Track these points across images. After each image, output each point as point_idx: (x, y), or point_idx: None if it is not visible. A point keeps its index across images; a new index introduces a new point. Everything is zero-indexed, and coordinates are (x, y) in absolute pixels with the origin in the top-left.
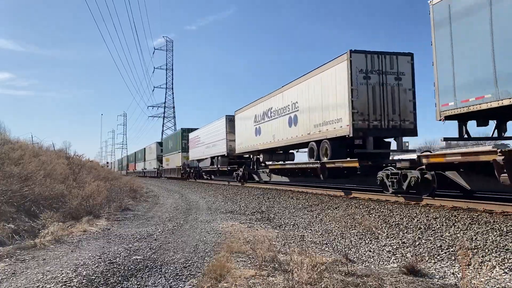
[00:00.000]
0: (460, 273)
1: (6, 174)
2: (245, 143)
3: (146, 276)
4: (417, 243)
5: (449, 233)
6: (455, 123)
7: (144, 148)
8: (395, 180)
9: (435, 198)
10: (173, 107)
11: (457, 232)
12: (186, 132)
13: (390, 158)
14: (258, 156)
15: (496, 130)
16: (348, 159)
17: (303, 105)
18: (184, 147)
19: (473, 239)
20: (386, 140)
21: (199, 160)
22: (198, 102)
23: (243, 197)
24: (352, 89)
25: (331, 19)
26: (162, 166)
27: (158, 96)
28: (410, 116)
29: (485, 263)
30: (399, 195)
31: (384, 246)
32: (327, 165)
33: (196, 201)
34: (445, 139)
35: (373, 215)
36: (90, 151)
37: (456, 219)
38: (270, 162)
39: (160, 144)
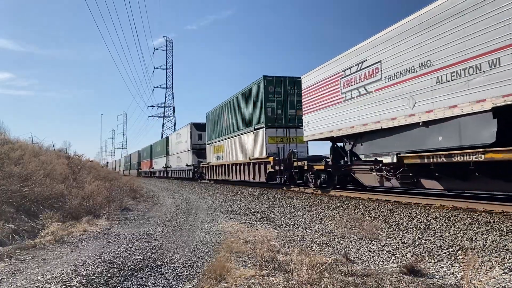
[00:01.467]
0: (460, 273)
1: (6, 174)
2: None
3: (146, 276)
4: (417, 243)
5: (449, 233)
6: None
7: (167, 137)
8: None
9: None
10: (173, 107)
11: (457, 232)
12: (275, 84)
13: None
14: None
15: None
16: None
17: None
18: (270, 118)
19: (473, 239)
20: None
21: (350, 138)
22: (198, 102)
23: (243, 197)
24: None
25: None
26: (203, 162)
27: (158, 96)
28: None
29: (485, 263)
30: None
31: (384, 246)
32: None
33: (196, 201)
34: None
35: (373, 215)
36: (90, 151)
37: (456, 219)
38: None
39: (198, 126)
